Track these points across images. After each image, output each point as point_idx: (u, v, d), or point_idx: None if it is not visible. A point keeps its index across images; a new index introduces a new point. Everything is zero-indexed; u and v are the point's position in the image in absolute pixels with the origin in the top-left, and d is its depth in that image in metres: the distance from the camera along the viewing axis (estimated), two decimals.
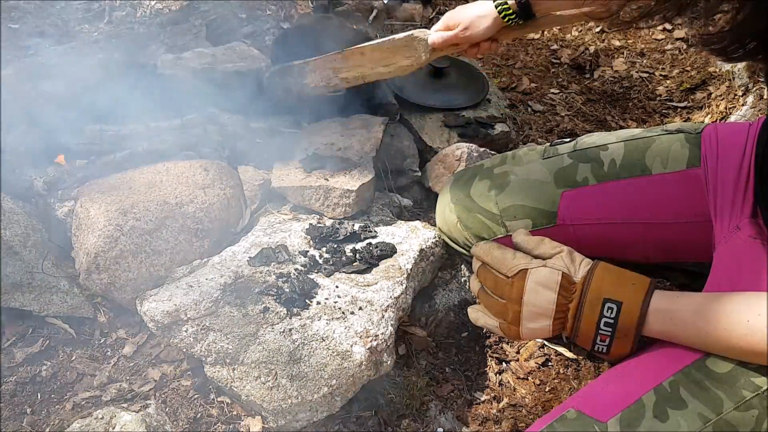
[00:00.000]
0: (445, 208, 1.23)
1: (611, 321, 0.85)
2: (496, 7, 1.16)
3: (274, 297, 1.13)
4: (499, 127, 1.69)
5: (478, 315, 0.98)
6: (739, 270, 0.92)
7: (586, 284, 0.87)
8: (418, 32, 1.20)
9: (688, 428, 0.79)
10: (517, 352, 1.30)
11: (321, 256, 1.23)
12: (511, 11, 1.15)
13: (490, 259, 0.95)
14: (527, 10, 1.14)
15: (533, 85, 2.15)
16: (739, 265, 0.93)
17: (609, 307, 0.85)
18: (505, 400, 1.22)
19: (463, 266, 1.38)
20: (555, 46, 2.35)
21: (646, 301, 0.84)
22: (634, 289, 0.85)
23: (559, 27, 2.43)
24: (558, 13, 1.18)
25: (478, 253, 0.97)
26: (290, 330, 1.08)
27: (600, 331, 0.86)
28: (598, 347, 0.88)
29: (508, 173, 1.18)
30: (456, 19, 1.20)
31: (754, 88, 1.97)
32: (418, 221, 1.37)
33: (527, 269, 0.90)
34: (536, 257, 0.94)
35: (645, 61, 2.33)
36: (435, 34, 1.22)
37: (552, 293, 0.88)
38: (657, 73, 2.27)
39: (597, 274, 0.88)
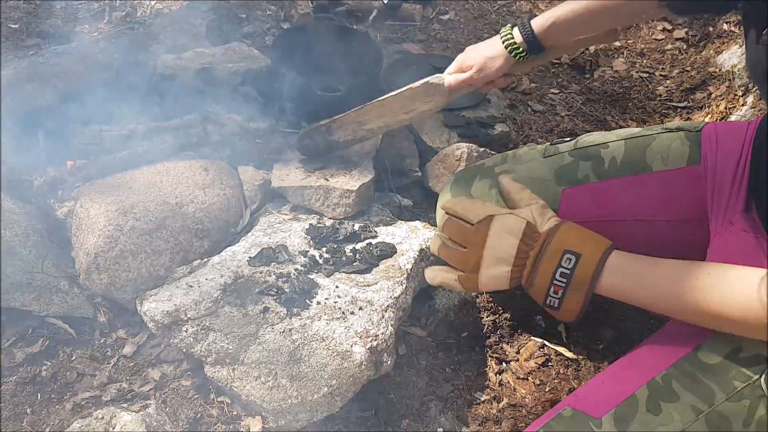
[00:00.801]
0: None
1: (567, 271, 0.85)
2: (506, 46, 1.17)
3: (274, 297, 1.13)
4: (499, 127, 1.69)
5: (434, 273, 0.96)
6: (731, 260, 0.93)
7: (550, 235, 0.87)
8: (433, 79, 1.24)
9: (681, 420, 0.80)
10: (517, 352, 1.30)
11: (321, 256, 1.23)
12: (520, 49, 1.16)
13: (459, 208, 0.94)
14: (536, 44, 1.15)
15: (533, 85, 2.15)
16: (730, 256, 0.93)
17: (568, 258, 0.85)
18: (505, 400, 1.22)
19: None
20: None
21: (605, 255, 0.84)
22: (595, 244, 0.86)
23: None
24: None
25: (448, 204, 0.96)
26: (290, 330, 1.08)
27: (555, 281, 0.85)
28: (550, 300, 0.87)
29: (508, 172, 1.18)
30: (469, 61, 1.21)
31: (754, 88, 1.97)
32: (418, 221, 1.37)
33: (494, 215, 0.90)
34: (512, 206, 0.95)
35: (645, 61, 2.33)
36: (450, 77, 1.23)
37: (515, 239, 0.88)
38: (657, 73, 2.27)
39: (563, 229, 0.88)
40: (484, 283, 0.90)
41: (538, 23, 1.14)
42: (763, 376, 0.79)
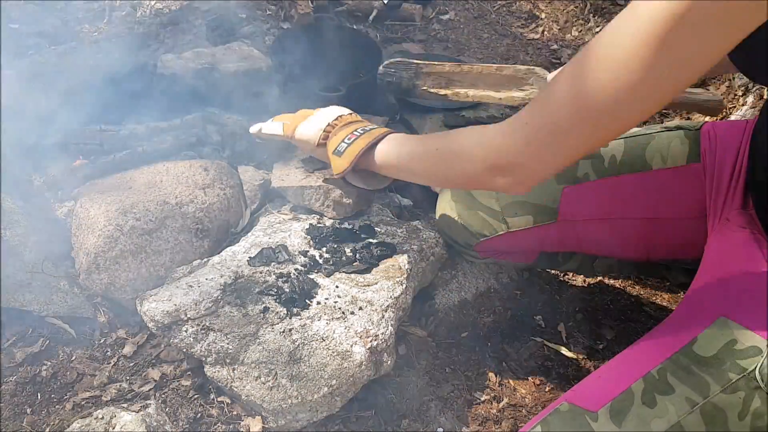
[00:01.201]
0: (446, 206, 1.24)
1: (366, 129, 1.12)
2: None
3: (274, 297, 1.13)
4: None
5: (260, 124, 1.23)
6: (727, 255, 0.93)
7: (371, 123, 1.17)
8: (539, 69, 1.24)
9: (676, 412, 0.80)
10: (517, 352, 1.30)
11: (321, 256, 1.23)
12: None
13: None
14: None
15: None
16: (727, 253, 0.93)
17: (372, 126, 1.12)
18: (505, 400, 1.22)
19: (463, 266, 1.38)
20: (555, 46, 2.35)
21: (399, 131, 1.12)
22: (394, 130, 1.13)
23: (558, 27, 2.43)
24: None
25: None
26: (290, 330, 1.08)
27: (353, 132, 1.11)
28: (341, 146, 1.11)
29: None
30: None
31: (754, 88, 1.97)
32: (418, 221, 1.37)
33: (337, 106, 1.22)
34: None
35: None
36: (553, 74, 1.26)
37: (341, 111, 1.20)
38: None
39: (383, 127, 1.15)
40: (300, 130, 1.17)
41: None
42: (758, 368, 0.79)
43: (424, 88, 1.29)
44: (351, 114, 1.17)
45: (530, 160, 0.81)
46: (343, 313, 1.11)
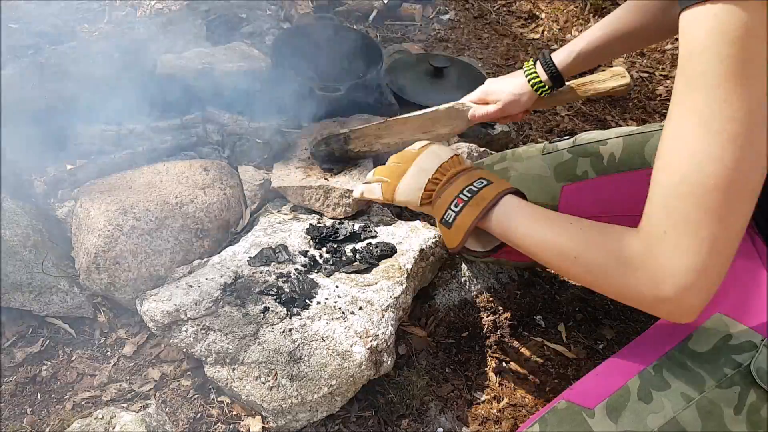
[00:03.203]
0: None
1: (475, 189, 0.90)
2: (532, 85, 1.18)
3: (274, 297, 1.13)
4: (499, 127, 1.69)
5: (361, 185, 1.05)
6: None
7: (472, 167, 0.96)
8: (458, 105, 1.26)
9: (672, 408, 0.80)
10: (517, 352, 1.30)
11: (321, 256, 1.23)
12: (545, 87, 1.18)
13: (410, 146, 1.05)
14: (558, 80, 1.18)
15: None
16: None
17: (480, 181, 0.92)
18: (505, 400, 1.22)
19: (463, 266, 1.38)
20: (555, 47, 2.35)
21: (511, 190, 0.90)
22: (506, 182, 0.92)
23: (558, 27, 2.43)
24: (583, 89, 1.24)
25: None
26: (290, 330, 1.08)
27: (460, 195, 0.91)
28: (449, 214, 0.91)
29: (508, 169, 1.19)
30: (493, 95, 1.22)
31: None
32: (418, 221, 1.37)
33: (433, 143, 1.01)
34: None
35: (645, 61, 2.33)
36: (476, 110, 1.25)
37: (441, 159, 0.97)
38: (657, 73, 2.27)
39: (483, 169, 0.97)
40: (400, 191, 0.98)
41: (560, 57, 1.16)
42: (753, 363, 0.79)
43: (357, 150, 1.33)
44: (453, 158, 0.98)
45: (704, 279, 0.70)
46: (343, 313, 1.11)
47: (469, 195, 0.90)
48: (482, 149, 1.51)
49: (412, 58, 1.84)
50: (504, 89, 1.21)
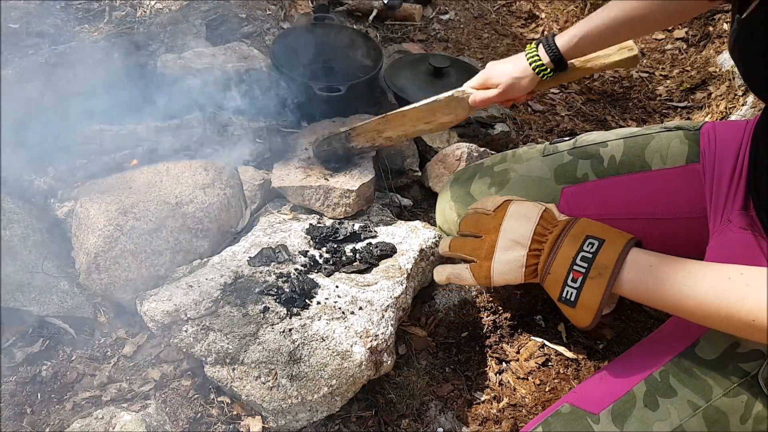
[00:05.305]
0: (446, 206, 1.24)
1: (589, 256, 0.78)
2: (533, 67, 1.15)
3: (274, 297, 1.13)
4: (499, 127, 1.69)
5: (443, 268, 0.91)
6: (729, 256, 0.93)
7: (570, 223, 0.83)
8: (458, 93, 1.24)
9: (678, 416, 0.80)
10: (517, 352, 1.30)
11: (321, 256, 1.23)
12: (547, 69, 1.16)
13: (478, 203, 0.92)
14: (560, 63, 1.15)
15: None
16: (729, 254, 0.93)
17: (590, 242, 0.79)
18: (505, 400, 1.22)
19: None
20: None
21: (630, 244, 0.79)
22: (619, 233, 0.81)
23: (558, 27, 2.43)
24: (589, 65, 1.20)
25: (473, 205, 0.93)
26: (290, 330, 1.08)
27: (574, 266, 0.78)
28: (568, 291, 0.79)
29: (508, 171, 1.18)
30: (494, 79, 1.20)
31: None
32: (418, 221, 1.37)
33: (511, 200, 0.88)
34: None
35: (645, 61, 2.33)
36: (476, 95, 1.22)
37: (532, 222, 0.84)
38: (657, 73, 2.27)
39: (583, 219, 0.84)
40: (497, 271, 0.84)
41: (563, 40, 1.13)
42: (760, 372, 0.79)
43: (360, 146, 1.33)
44: (543, 216, 0.85)
45: None
46: (343, 313, 1.11)
47: (585, 265, 0.78)
48: (482, 149, 1.51)
49: (412, 58, 1.84)
50: (504, 72, 1.18)
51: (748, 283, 0.70)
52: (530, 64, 1.15)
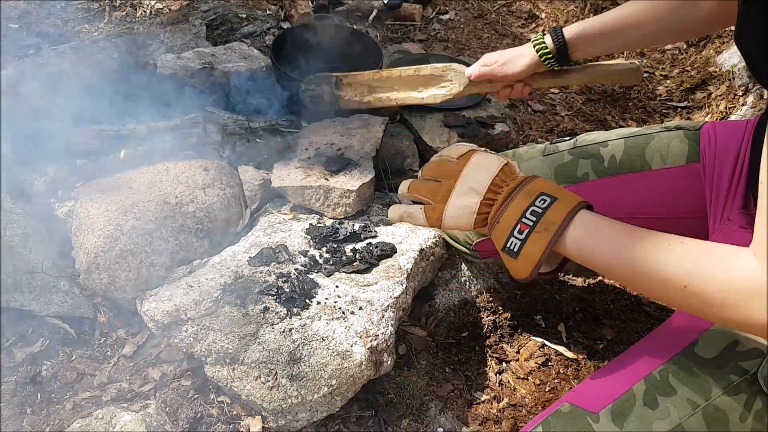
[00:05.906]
0: None
1: (539, 211, 0.79)
2: (535, 47, 1.18)
3: (274, 297, 1.13)
4: (499, 127, 1.69)
5: (399, 207, 0.92)
6: None
7: (528, 179, 0.84)
8: (456, 65, 1.24)
9: (678, 414, 0.80)
10: (517, 352, 1.30)
11: (321, 256, 1.23)
12: (550, 55, 1.17)
13: (445, 150, 0.92)
14: (564, 54, 1.16)
15: None
16: None
17: (543, 199, 0.80)
18: (505, 400, 1.22)
19: (463, 266, 1.38)
20: None
21: (581, 205, 0.79)
22: (572, 195, 0.81)
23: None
24: (590, 70, 1.22)
25: (441, 152, 0.93)
26: (290, 330, 1.08)
27: (523, 219, 0.79)
28: (512, 242, 0.80)
29: None
30: (494, 56, 1.22)
31: (754, 88, 1.97)
32: None
33: (475, 150, 0.89)
34: None
35: (645, 61, 2.33)
36: (472, 67, 1.24)
37: (491, 173, 0.84)
38: (657, 73, 2.27)
39: (540, 178, 0.84)
40: (449, 214, 0.85)
41: (569, 30, 1.15)
42: (760, 370, 0.79)
43: (347, 97, 1.29)
44: (503, 169, 0.85)
45: None
46: (343, 313, 1.11)
47: (533, 219, 0.79)
48: (482, 149, 1.50)
49: (412, 58, 1.84)
50: (507, 52, 1.21)
51: (688, 249, 0.71)
52: (534, 47, 1.18)
